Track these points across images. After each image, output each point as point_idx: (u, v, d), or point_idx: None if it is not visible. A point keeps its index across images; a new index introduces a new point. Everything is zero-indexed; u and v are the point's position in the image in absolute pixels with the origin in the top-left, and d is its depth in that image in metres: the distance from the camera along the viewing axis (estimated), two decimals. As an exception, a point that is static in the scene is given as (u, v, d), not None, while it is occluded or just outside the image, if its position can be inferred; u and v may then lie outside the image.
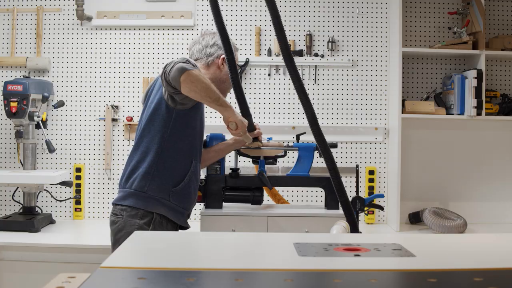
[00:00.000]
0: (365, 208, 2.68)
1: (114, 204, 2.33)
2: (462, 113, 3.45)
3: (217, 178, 2.66)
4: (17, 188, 3.47)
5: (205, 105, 2.41)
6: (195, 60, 2.51)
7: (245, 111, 2.31)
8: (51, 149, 3.36)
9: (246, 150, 2.59)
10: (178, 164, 2.31)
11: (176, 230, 2.41)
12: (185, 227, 2.43)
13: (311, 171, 2.74)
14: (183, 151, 2.32)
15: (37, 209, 3.45)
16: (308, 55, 3.64)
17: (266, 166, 2.69)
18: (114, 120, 3.64)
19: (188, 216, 2.45)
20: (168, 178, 2.29)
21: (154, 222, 2.26)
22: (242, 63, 3.62)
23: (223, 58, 2.44)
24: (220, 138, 2.66)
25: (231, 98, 3.17)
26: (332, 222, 2.04)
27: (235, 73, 2.18)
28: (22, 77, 3.47)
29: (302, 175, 2.72)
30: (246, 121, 2.31)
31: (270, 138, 2.81)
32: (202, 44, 2.51)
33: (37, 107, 3.40)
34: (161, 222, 2.28)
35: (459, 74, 3.50)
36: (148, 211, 2.26)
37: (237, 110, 2.34)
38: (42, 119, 3.41)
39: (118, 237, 2.26)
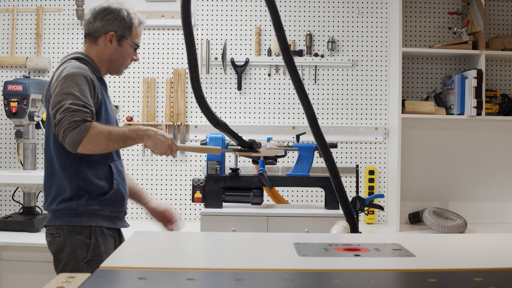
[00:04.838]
0: (365, 208, 2.69)
1: (47, 225, 2.18)
2: (462, 113, 3.45)
3: (217, 178, 2.66)
4: (17, 188, 3.47)
5: (109, 102, 2.26)
6: (85, 36, 2.27)
7: (212, 119, 1.99)
8: (51, 149, 3.36)
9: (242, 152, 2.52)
10: (98, 176, 2.16)
11: (118, 233, 2.28)
12: (125, 227, 2.29)
13: (311, 171, 2.75)
14: (95, 161, 2.16)
15: (37, 209, 3.45)
16: (308, 55, 3.64)
17: (266, 166, 2.70)
18: (114, 120, 3.63)
19: (125, 214, 2.31)
20: (93, 191, 2.15)
21: (94, 233, 2.14)
22: (242, 63, 3.62)
23: (112, 35, 2.23)
24: (220, 139, 2.66)
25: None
26: (332, 222, 2.04)
27: (195, 72, 1.82)
28: (22, 77, 3.47)
29: (302, 175, 2.73)
30: (167, 137, 2.10)
31: (270, 138, 2.81)
32: (90, 18, 2.25)
33: (37, 107, 3.40)
34: (101, 230, 2.16)
35: (459, 74, 3.50)
36: (84, 225, 2.14)
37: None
38: (42, 119, 3.41)
39: (61, 257, 2.12)
